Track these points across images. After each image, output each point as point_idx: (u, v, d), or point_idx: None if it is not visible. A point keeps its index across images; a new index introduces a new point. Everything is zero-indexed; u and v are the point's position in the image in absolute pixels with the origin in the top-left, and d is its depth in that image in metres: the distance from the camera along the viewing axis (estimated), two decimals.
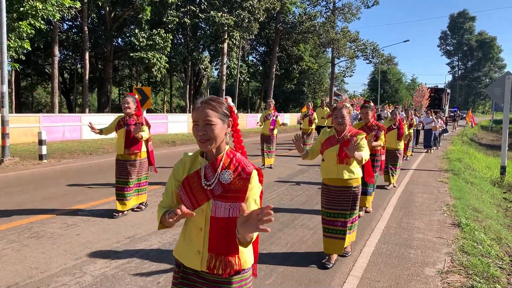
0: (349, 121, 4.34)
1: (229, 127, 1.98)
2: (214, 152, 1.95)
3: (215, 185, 1.91)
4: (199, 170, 1.97)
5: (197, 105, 1.94)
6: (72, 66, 36.51)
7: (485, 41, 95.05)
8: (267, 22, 39.71)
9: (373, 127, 6.44)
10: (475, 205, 7.45)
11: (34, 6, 13.84)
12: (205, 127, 1.87)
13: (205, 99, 1.95)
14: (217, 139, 1.90)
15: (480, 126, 45.00)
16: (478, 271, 4.23)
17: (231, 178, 1.90)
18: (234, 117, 2.01)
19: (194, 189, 1.94)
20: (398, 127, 8.86)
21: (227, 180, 1.90)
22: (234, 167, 1.93)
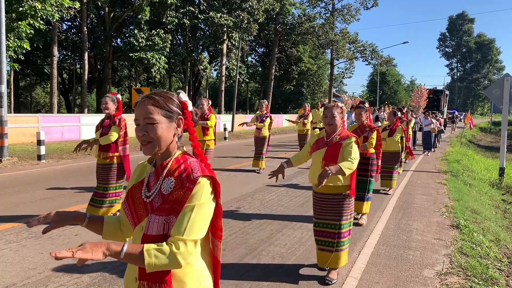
0: (341, 122, 3.98)
1: (179, 127, 1.66)
2: (160, 157, 1.64)
3: (155, 196, 1.58)
4: (144, 179, 1.67)
5: (138, 100, 1.63)
6: (71, 67, 36.50)
7: (484, 43, 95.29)
8: (266, 23, 39.79)
9: (365, 129, 6.09)
10: (473, 207, 7.46)
11: (33, 6, 13.84)
12: (146, 126, 1.57)
13: (148, 93, 1.65)
14: (161, 140, 1.59)
15: (479, 127, 45.06)
16: (476, 273, 4.23)
17: (172, 187, 1.55)
18: (188, 115, 1.69)
19: (136, 202, 1.64)
20: (391, 129, 8.55)
21: (167, 190, 1.56)
22: (178, 173, 1.58)
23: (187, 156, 1.65)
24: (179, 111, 1.66)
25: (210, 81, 53.85)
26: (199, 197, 1.51)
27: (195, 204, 1.50)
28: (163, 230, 1.51)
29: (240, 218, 6.11)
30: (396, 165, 8.64)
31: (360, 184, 5.93)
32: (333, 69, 44.50)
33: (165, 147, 1.61)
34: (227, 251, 4.69)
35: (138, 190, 1.65)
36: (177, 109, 1.64)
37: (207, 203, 1.54)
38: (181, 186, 1.54)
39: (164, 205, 1.54)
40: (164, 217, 1.52)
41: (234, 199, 7.39)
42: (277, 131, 29.53)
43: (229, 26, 28.76)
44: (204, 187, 1.54)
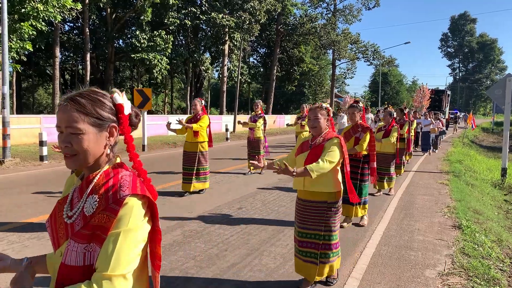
0: (326, 124, 3.72)
1: (112, 136, 1.36)
2: (88, 169, 1.37)
3: (76, 217, 1.31)
4: (68, 195, 1.41)
5: (60, 102, 1.34)
6: (73, 68, 36.58)
7: (486, 43, 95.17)
8: (268, 24, 39.80)
9: (357, 129, 5.79)
10: (475, 207, 7.44)
11: (35, 8, 13.87)
12: (70, 136, 1.29)
13: (73, 94, 1.33)
14: (88, 154, 1.31)
15: (481, 128, 44.98)
16: (478, 273, 4.23)
17: (95, 208, 1.28)
18: (124, 120, 1.38)
19: (57, 221, 1.38)
20: (386, 129, 8.16)
21: (89, 210, 1.28)
22: (104, 190, 1.30)
23: (120, 170, 1.37)
24: (112, 117, 1.36)
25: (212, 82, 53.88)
26: (126, 222, 1.24)
27: (121, 230, 1.23)
28: (84, 261, 1.25)
29: (242, 219, 6.11)
30: (392, 166, 8.35)
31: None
32: (335, 70, 44.50)
33: (93, 161, 1.34)
34: (229, 251, 4.69)
35: (62, 207, 1.38)
36: (110, 114, 1.35)
37: (137, 228, 1.27)
38: (105, 207, 1.26)
39: (84, 230, 1.26)
40: (83, 245, 1.25)
41: (236, 199, 7.40)
42: (278, 131, 29.53)
43: (231, 27, 28.79)
44: (134, 209, 1.26)
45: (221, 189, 8.30)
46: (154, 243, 1.39)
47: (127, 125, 1.39)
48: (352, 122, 5.92)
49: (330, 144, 3.56)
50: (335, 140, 3.58)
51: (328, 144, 3.57)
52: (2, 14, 10.71)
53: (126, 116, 1.39)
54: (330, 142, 3.58)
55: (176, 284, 3.81)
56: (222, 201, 7.25)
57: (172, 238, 5.13)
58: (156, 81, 37.20)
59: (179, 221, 5.91)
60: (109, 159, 1.40)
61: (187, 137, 7.58)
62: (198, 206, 6.81)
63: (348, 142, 5.82)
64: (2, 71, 11.00)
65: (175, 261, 4.37)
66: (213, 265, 4.28)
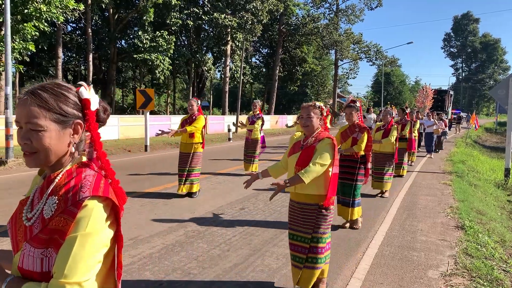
0: (319, 123, 3.56)
1: (77, 133, 1.27)
2: (51, 168, 1.28)
3: (35, 219, 1.23)
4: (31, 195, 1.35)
5: (20, 96, 1.25)
6: (76, 68, 36.64)
7: (489, 43, 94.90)
8: (270, 24, 39.81)
9: (355, 129, 5.74)
10: (479, 208, 7.42)
11: (38, 8, 13.92)
12: (30, 133, 1.21)
13: (34, 87, 1.24)
14: (49, 152, 1.22)
15: (484, 128, 44.87)
16: (481, 274, 4.21)
17: (54, 210, 1.20)
18: (91, 116, 1.29)
19: (17, 223, 1.31)
20: (385, 128, 8.18)
21: (48, 213, 1.20)
22: (65, 191, 1.21)
23: (84, 169, 1.28)
24: (78, 113, 1.27)
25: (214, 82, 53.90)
26: (84, 225, 1.15)
27: (78, 234, 1.14)
28: (41, 267, 1.17)
29: (244, 219, 6.11)
30: (390, 167, 8.21)
31: (345, 188, 5.75)
32: (337, 70, 44.47)
33: (55, 160, 1.25)
34: (231, 251, 4.69)
35: (23, 209, 1.32)
36: (75, 110, 1.26)
37: (96, 232, 1.17)
38: (63, 209, 1.18)
39: (42, 234, 1.18)
40: (40, 250, 1.17)
41: (238, 200, 7.40)
42: (280, 131, 29.51)
43: (233, 27, 28.80)
44: (94, 212, 1.17)
45: (224, 190, 8.29)
46: (116, 250, 1.30)
47: (94, 122, 1.30)
48: (349, 122, 5.84)
49: (322, 145, 3.41)
50: (327, 141, 3.42)
51: (320, 146, 3.41)
52: (5, 15, 10.74)
53: (92, 112, 1.30)
54: (322, 143, 3.42)
55: (178, 285, 3.81)
56: (225, 201, 7.25)
57: (175, 238, 5.13)
58: (159, 82, 37.24)
59: (181, 221, 5.91)
60: (73, 158, 1.30)
61: (182, 137, 7.48)
62: (200, 207, 6.81)
63: (346, 142, 5.82)
64: (5, 71, 11.03)
65: (178, 261, 4.37)
66: (215, 265, 4.28)
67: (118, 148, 15.00)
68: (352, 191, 5.69)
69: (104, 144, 15.76)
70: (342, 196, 5.78)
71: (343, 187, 5.73)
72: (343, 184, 5.73)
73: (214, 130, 25.29)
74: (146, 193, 7.74)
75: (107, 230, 1.22)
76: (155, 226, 5.62)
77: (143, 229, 5.48)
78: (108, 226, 1.22)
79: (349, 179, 5.73)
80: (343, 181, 5.72)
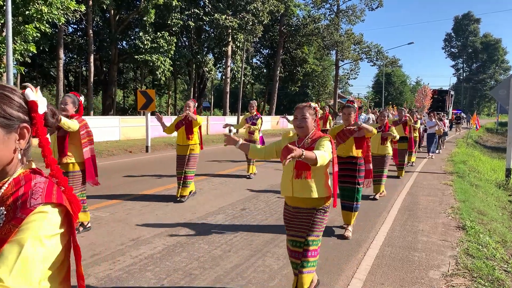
0: (314, 124, 3.45)
1: (23, 138, 1.18)
2: None
3: None
4: None
5: None
6: (77, 69, 36.70)
7: (490, 43, 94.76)
8: (271, 25, 39.81)
9: (353, 132, 5.50)
10: (480, 208, 7.42)
11: (39, 10, 13.94)
12: None
13: None
14: None
15: (485, 128, 44.83)
16: (483, 274, 4.21)
17: (2, 221, 1.08)
18: (39, 119, 1.20)
19: None
20: (383, 130, 7.97)
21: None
22: (13, 200, 1.10)
23: (33, 176, 1.18)
24: (24, 116, 1.17)
25: (215, 83, 53.93)
26: (34, 228, 1.04)
27: (26, 236, 1.02)
28: None
29: (245, 220, 6.12)
30: (385, 168, 8.11)
31: (346, 192, 5.52)
32: (338, 70, 44.45)
33: (0, 167, 1.14)
34: (232, 252, 4.70)
35: None
36: (20, 113, 1.16)
37: (47, 237, 1.06)
38: (12, 217, 1.06)
39: None
40: None
41: (239, 200, 7.41)
42: (281, 132, 29.49)
43: (234, 28, 28.82)
44: (46, 218, 1.07)
45: (225, 190, 8.30)
46: (75, 262, 1.20)
47: (42, 126, 1.20)
48: (346, 123, 5.54)
49: (321, 142, 3.27)
50: (326, 138, 3.32)
51: (319, 143, 3.26)
52: (7, 16, 10.77)
53: (40, 115, 1.19)
54: (321, 141, 3.29)
55: (179, 285, 3.82)
56: (226, 202, 7.26)
57: (176, 239, 5.14)
58: (160, 83, 37.26)
59: (183, 222, 5.92)
60: (20, 165, 1.20)
61: (178, 139, 7.23)
62: (202, 207, 6.82)
63: (345, 144, 5.50)
64: (7, 73, 11.06)
65: (179, 262, 4.38)
66: (216, 266, 4.29)
67: (119, 149, 15.02)
68: (354, 194, 5.48)
69: (105, 145, 15.82)
70: (343, 200, 5.58)
71: (344, 191, 5.53)
72: (343, 188, 5.51)
73: (215, 131, 25.29)
74: (147, 194, 7.75)
75: (59, 238, 1.11)
76: (156, 227, 5.63)
77: (144, 230, 5.49)
78: (61, 234, 1.11)
79: (351, 182, 5.48)
80: (344, 185, 5.48)
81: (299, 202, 3.35)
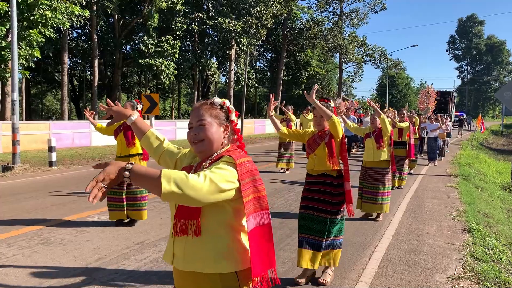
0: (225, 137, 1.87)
1: None
2: None
3: None
4: None
5: None
6: (81, 73, 36.88)
7: (494, 45, 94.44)
8: (274, 28, 39.90)
9: (325, 134, 4.12)
10: (485, 211, 7.38)
11: (44, 15, 14.04)
12: None
13: None
14: None
15: (490, 130, 44.62)
16: (489, 277, 4.18)
17: None
18: None
19: None
20: (376, 135, 6.46)
21: None
22: None
23: None
24: None
25: (219, 87, 54.01)
26: None
27: None
28: None
29: None
30: (386, 184, 6.49)
31: (313, 223, 3.97)
32: (342, 73, 44.46)
33: None
34: None
35: None
36: None
37: None
38: None
39: None
40: None
41: None
42: None
43: (238, 32, 28.89)
44: None
45: None
46: None
47: None
48: (319, 128, 4.14)
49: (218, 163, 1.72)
50: (227, 160, 1.73)
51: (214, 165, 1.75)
52: (12, 21, 10.84)
53: None
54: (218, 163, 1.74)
55: None
56: None
57: None
58: (164, 86, 37.38)
59: None
60: None
61: (117, 150, 5.91)
62: None
63: (317, 152, 4.09)
64: (12, 78, 11.12)
65: None
66: None
67: None
68: (326, 228, 3.93)
69: (110, 149, 15.86)
70: (304, 233, 4.00)
71: (309, 221, 3.99)
72: (308, 217, 4.00)
73: None
74: (152, 198, 7.75)
75: None
76: (162, 230, 5.63)
77: (149, 233, 5.49)
78: None
79: (321, 210, 3.96)
80: (310, 212, 4.01)
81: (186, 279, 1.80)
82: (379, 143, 6.39)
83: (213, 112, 1.85)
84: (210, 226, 1.71)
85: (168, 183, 1.46)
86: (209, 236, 1.71)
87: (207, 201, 1.55)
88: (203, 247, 1.71)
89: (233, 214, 1.74)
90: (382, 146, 6.39)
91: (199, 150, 1.83)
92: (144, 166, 1.50)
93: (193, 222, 1.70)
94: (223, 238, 1.72)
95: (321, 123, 4.11)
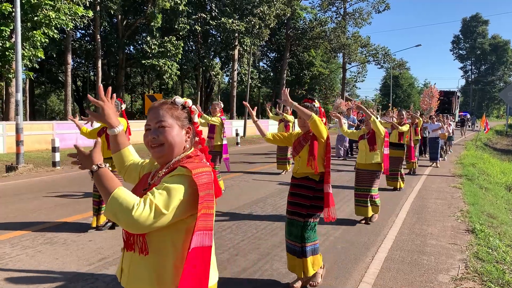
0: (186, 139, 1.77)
1: None
2: None
3: None
4: None
5: None
6: (85, 74, 37.00)
7: (498, 45, 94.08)
8: (277, 28, 39.91)
9: (309, 135, 3.95)
10: (489, 211, 7.35)
11: (47, 16, 14.09)
12: None
13: None
14: None
15: (495, 130, 44.42)
16: (492, 278, 4.17)
17: None
18: None
19: None
20: (369, 137, 6.37)
21: None
22: None
23: None
24: None
25: (222, 87, 54.03)
26: None
27: None
28: None
29: (253, 223, 6.10)
30: (376, 186, 6.42)
31: (292, 227, 3.87)
32: (345, 73, 44.41)
33: None
34: (240, 256, 4.69)
35: None
36: None
37: None
38: None
39: None
40: None
41: (246, 204, 7.40)
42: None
43: (241, 32, 28.90)
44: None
45: (232, 194, 8.30)
46: None
47: None
48: (303, 130, 4.02)
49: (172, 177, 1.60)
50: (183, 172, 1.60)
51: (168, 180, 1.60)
52: (16, 22, 10.89)
53: None
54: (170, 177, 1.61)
55: None
56: (233, 205, 7.25)
57: None
58: (167, 87, 37.47)
59: None
60: None
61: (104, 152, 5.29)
62: None
63: (300, 155, 3.94)
64: (16, 78, 11.17)
65: None
66: (224, 269, 4.28)
67: None
68: (300, 232, 3.80)
69: None
70: (287, 238, 3.94)
71: (290, 226, 3.89)
72: (290, 222, 3.91)
73: None
74: None
75: None
76: None
77: None
78: None
79: (298, 214, 3.85)
80: (291, 217, 3.90)
81: None
82: (372, 145, 6.30)
83: (175, 113, 1.73)
84: (158, 243, 1.59)
85: (109, 210, 1.44)
86: (154, 254, 1.59)
87: (149, 230, 1.48)
88: (145, 266, 1.60)
89: (185, 233, 1.61)
90: (375, 149, 6.29)
91: (158, 155, 1.70)
92: (110, 174, 1.50)
93: (138, 238, 1.59)
94: (169, 257, 1.59)
95: (305, 125, 3.95)
